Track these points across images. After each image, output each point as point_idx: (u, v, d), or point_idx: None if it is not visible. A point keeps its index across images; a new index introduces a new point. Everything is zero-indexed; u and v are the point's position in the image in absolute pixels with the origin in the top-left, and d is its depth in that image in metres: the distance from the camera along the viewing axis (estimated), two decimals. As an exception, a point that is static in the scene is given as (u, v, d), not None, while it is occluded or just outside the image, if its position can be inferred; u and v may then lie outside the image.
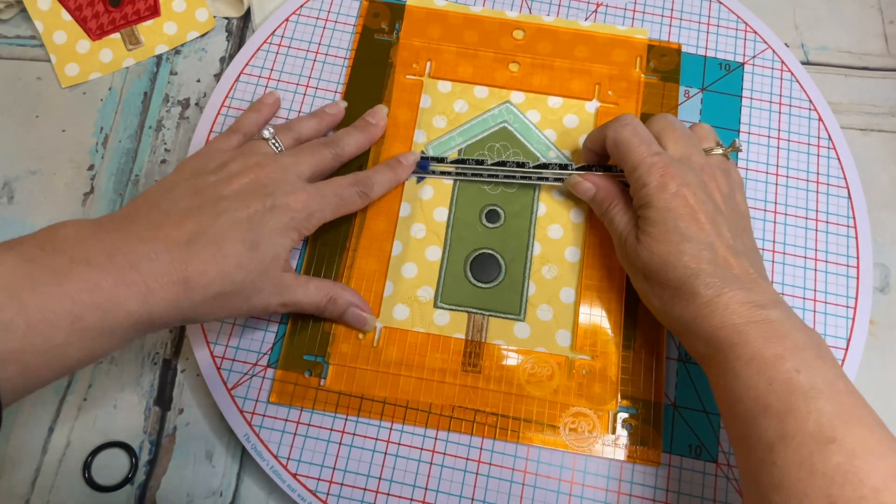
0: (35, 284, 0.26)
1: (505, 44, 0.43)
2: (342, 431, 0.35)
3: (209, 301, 0.31)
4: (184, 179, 0.33)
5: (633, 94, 0.42)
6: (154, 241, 0.29)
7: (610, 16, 0.44)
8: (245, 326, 0.37)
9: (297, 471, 0.34)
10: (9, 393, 0.26)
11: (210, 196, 0.32)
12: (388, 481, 0.34)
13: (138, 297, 0.28)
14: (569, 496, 0.34)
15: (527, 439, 0.35)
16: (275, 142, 0.36)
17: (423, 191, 0.40)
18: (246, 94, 0.42)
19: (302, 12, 0.44)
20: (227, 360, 0.36)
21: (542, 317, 0.37)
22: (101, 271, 0.28)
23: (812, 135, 0.42)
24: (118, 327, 0.28)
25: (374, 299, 0.37)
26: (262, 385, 0.36)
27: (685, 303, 0.31)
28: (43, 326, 0.26)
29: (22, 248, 0.27)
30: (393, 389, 0.36)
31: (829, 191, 0.40)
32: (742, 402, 0.29)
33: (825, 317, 0.38)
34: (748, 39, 0.44)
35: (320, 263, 0.38)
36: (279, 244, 0.33)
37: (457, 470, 0.35)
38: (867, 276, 0.39)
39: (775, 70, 0.43)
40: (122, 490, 0.35)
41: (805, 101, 0.42)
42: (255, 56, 0.43)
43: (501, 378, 0.36)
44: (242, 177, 0.33)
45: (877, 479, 0.25)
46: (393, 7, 0.44)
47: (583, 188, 0.37)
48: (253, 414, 0.35)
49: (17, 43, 0.44)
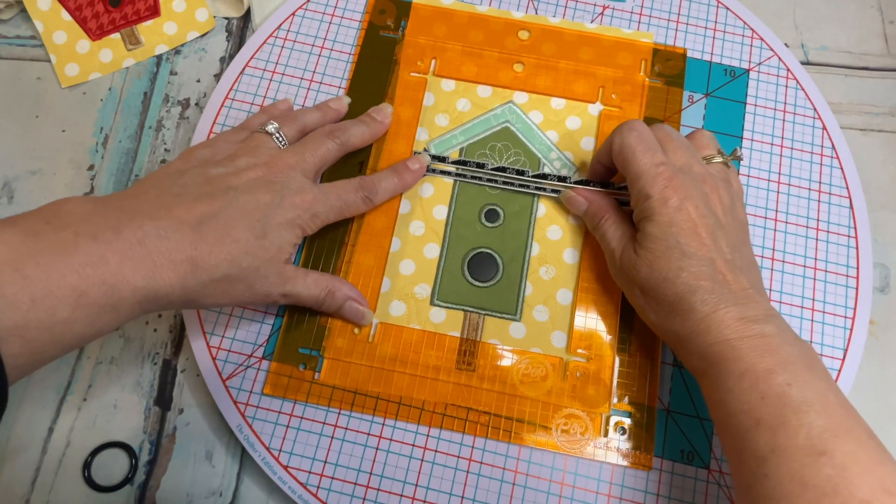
0: (39, 259, 0.26)
1: (510, 44, 0.43)
2: (335, 425, 0.35)
3: (214, 283, 0.31)
4: (192, 167, 0.33)
5: (637, 97, 0.42)
6: (163, 220, 0.29)
7: (616, 19, 0.44)
8: (242, 318, 0.37)
9: (288, 463, 0.35)
10: (13, 369, 0.26)
11: (220, 185, 0.32)
12: (379, 476, 0.34)
13: (145, 273, 0.28)
14: (559, 497, 0.34)
15: (519, 439, 0.35)
16: (279, 136, 0.36)
17: (423, 189, 0.40)
18: (250, 87, 0.42)
19: (308, 7, 0.44)
20: (223, 350, 0.36)
21: (538, 317, 0.37)
22: (107, 246, 0.27)
23: (815, 143, 0.41)
24: (123, 303, 0.28)
25: (371, 295, 0.37)
26: (257, 377, 0.36)
27: (681, 318, 0.31)
28: (47, 301, 0.26)
29: (26, 223, 0.27)
30: (387, 385, 0.36)
31: (832, 200, 0.40)
32: (735, 416, 0.29)
33: (823, 326, 0.38)
34: (754, 46, 0.43)
35: (319, 257, 0.38)
36: (284, 238, 0.33)
37: (448, 468, 0.35)
38: (867, 286, 0.38)
39: (780, 77, 0.43)
40: (121, 490, 0.36)
41: (810, 109, 0.42)
42: (261, 50, 0.43)
43: (495, 377, 0.36)
44: (251, 172, 0.33)
45: (866, 491, 0.25)
46: (399, 4, 0.44)
47: (575, 203, 0.38)
48: (247, 405, 0.35)
49: (17, 43, 0.45)
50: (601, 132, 0.41)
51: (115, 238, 0.28)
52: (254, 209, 0.32)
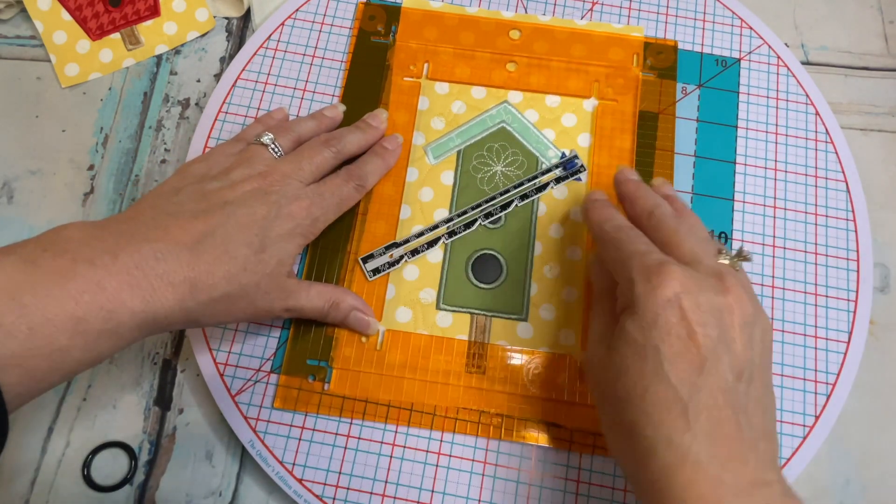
0: (37, 287, 0.26)
1: (501, 44, 0.43)
2: (347, 435, 0.35)
3: (215, 303, 0.30)
4: (188, 184, 0.33)
5: (631, 91, 0.42)
6: (160, 242, 0.29)
7: (606, 14, 0.44)
8: (247, 332, 0.37)
9: (302, 476, 0.34)
10: (12, 398, 0.26)
11: (215, 201, 0.32)
12: (394, 484, 0.34)
13: (143, 297, 0.28)
14: (575, 495, 0.34)
15: (533, 439, 0.35)
16: (274, 147, 0.36)
17: (422, 193, 0.40)
18: (244, 99, 0.42)
19: (298, 16, 0.44)
20: (230, 366, 0.36)
21: (544, 316, 0.37)
22: (104, 271, 0.27)
23: (809, 129, 0.42)
24: (122, 328, 0.28)
25: (376, 302, 0.37)
26: (266, 391, 0.36)
27: (639, 459, 0.25)
28: (45, 329, 0.26)
29: (24, 251, 0.27)
30: (397, 392, 0.36)
31: (828, 185, 0.40)
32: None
33: (826, 310, 0.38)
34: (744, 35, 0.44)
35: (321, 267, 0.38)
36: (284, 250, 0.33)
37: (463, 471, 0.35)
38: (867, 271, 0.39)
39: (771, 66, 0.43)
40: (121, 490, 0.35)
41: (802, 96, 0.42)
42: (252, 61, 0.42)
43: (506, 379, 0.36)
44: (246, 184, 0.33)
45: None
46: (389, 9, 0.43)
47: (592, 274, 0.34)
48: (257, 420, 0.35)
49: (17, 43, 0.44)
50: (597, 127, 0.41)
51: (111, 262, 0.28)
52: (251, 223, 0.32)
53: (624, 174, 0.36)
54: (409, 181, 0.40)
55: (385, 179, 0.39)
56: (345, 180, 0.36)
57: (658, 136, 0.41)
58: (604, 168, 0.40)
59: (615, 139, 0.41)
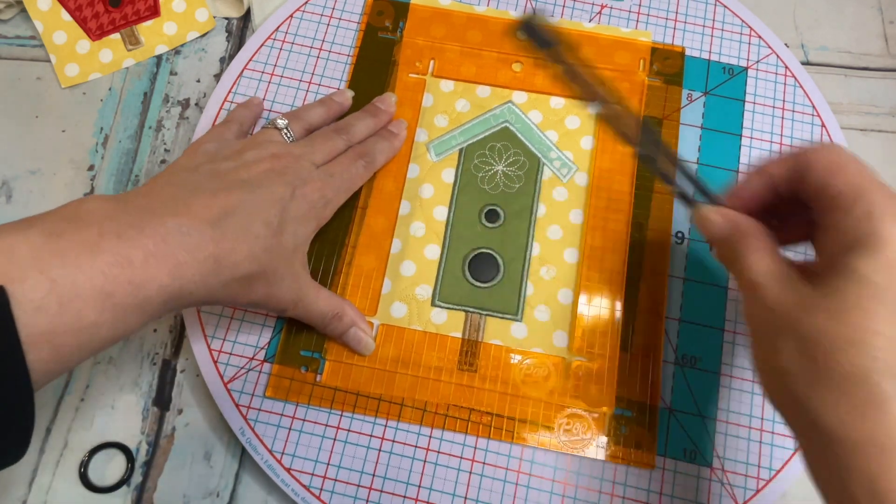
0: (65, 260, 0.25)
1: (508, 44, 0.43)
2: (337, 427, 0.35)
3: (236, 282, 0.30)
4: (201, 163, 0.33)
5: (636, 96, 0.42)
6: (184, 217, 0.29)
7: (614, 18, 0.44)
8: (243, 321, 0.37)
9: (291, 465, 0.35)
10: (40, 375, 0.25)
11: (233, 179, 0.32)
12: (381, 478, 0.34)
13: (170, 270, 0.27)
14: (562, 497, 0.34)
15: (521, 439, 0.35)
16: (287, 131, 0.36)
17: (423, 189, 0.40)
18: (249, 90, 0.42)
19: (306, 9, 0.44)
20: (224, 353, 0.36)
21: (539, 317, 0.37)
22: (131, 245, 0.26)
23: (815, 140, 0.41)
24: (149, 303, 0.27)
25: (372, 296, 0.37)
26: (259, 379, 0.36)
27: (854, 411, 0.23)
28: (75, 304, 0.25)
29: (46, 224, 0.26)
30: (389, 387, 0.36)
31: (831, 197, 0.40)
32: None
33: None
34: (752, 44, 0.43)
35: (319, 260, 0.38)
36: (300, 234, 0.33)
37: (450, 468, 0.35)
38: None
39: (779, 75, 0.43)
40: (118, 491, 0.35)
41: (808, 106, 0.42)
42: (259, 52, 0.43)
43: (497, 378, 0.36)
44: (260, 165, 0.33)
45: None
46: (397, 5, 0.44)
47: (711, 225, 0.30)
48: (249, 408, 0.35)
49: (17, 43, 0.44)
50: (600, 130, 0.41)
51: (138, 236, 0.27)
52: (271, 203, 0.32)
53: None
54: (409, 177, 0.40)
55: (386, 174, 0.40)
56: (353, 159, 0.37)
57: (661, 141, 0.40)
58: (605, 171, 0.40)
59: (618, 143, 0.40)
